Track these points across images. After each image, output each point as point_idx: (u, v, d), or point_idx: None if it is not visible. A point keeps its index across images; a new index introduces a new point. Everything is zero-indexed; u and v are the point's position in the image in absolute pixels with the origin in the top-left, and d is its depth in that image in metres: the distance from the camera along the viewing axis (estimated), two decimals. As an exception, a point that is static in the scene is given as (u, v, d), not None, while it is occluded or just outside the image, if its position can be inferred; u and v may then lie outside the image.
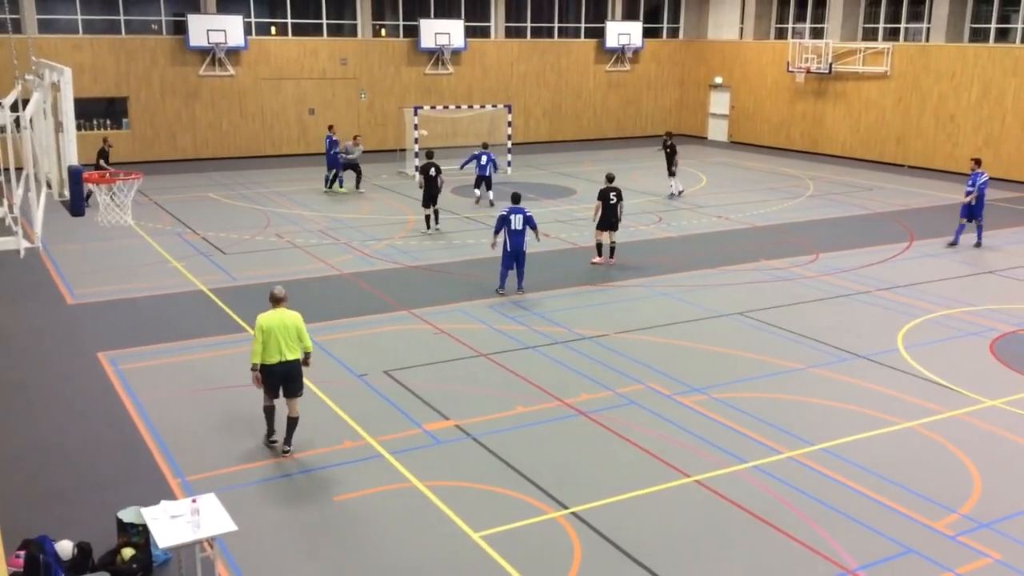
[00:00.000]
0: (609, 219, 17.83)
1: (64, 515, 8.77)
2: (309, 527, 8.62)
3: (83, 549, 7.79)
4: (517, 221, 15.56)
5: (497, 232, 15.81)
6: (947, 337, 14.03)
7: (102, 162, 22.79)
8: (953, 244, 19.80)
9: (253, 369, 9.81)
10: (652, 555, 8.15)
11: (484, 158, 23.37)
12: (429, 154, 21.29)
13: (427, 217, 20.65)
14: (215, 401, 11.38)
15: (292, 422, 10.00)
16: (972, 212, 19.58)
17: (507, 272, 15.93)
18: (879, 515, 8.84)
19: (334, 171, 25.64)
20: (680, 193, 25.26)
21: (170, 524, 7.23)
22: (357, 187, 25.61)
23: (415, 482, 9.38)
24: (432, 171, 20.29)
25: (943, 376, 12.37)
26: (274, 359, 9.77)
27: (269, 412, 10.13)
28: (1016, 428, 10.83)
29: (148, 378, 12.12)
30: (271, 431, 10.18)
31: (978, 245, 19.69)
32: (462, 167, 24.66)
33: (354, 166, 25.39)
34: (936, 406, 11.41)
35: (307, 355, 10.05)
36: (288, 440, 10.03)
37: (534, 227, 15.75)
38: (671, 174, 24.98)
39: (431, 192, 20.31)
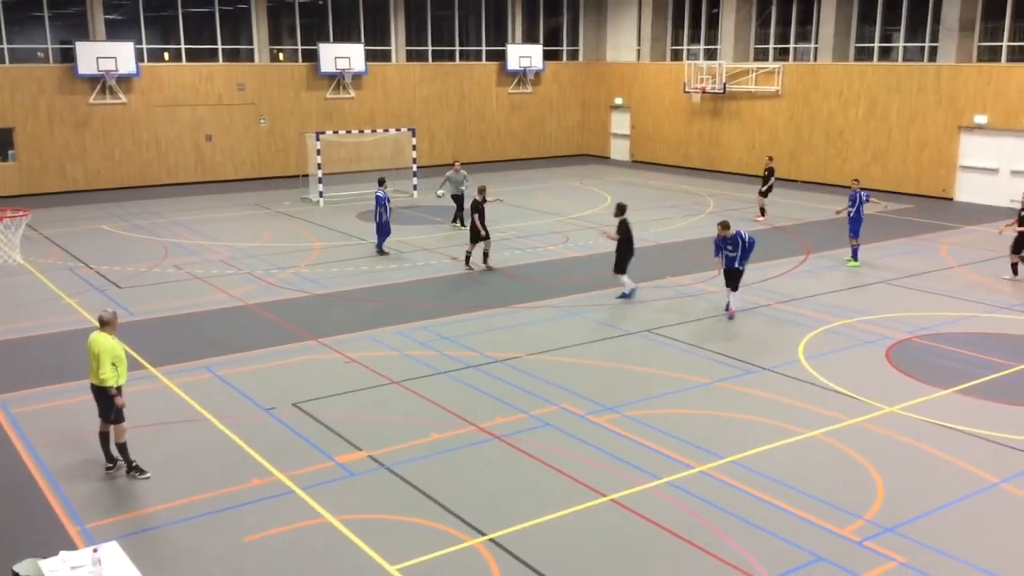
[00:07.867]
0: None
1: (-47, 572, 8.28)
2: (220, 571, 8.33)
3: (-26, 608, 7.38)
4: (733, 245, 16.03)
5: (716, 254, 16.33)
6: (845, 347, 14.51)
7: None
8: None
9: None
10: (571, 578, 8.16)
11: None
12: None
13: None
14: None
15: (117, 448, 10.08)
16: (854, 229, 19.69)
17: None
18: (789, 525, 9.04)
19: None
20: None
21: (69, 577, 6.89)
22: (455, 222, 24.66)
23: (328, 517, 9.18)
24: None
25: (843, 385, 12.78)
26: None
27: (100, 438, 10.18)
28: (914, 433, 11.25)
29: (42, 421, 11.58)
30: (106, 457, 10.17)
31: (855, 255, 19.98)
32: None
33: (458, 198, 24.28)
34: (838, 414, 11.78)
35: (118, 388, 9.94)
36: (126, 462, 10.06)
37: (749, 250, 16.02)
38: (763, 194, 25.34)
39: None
